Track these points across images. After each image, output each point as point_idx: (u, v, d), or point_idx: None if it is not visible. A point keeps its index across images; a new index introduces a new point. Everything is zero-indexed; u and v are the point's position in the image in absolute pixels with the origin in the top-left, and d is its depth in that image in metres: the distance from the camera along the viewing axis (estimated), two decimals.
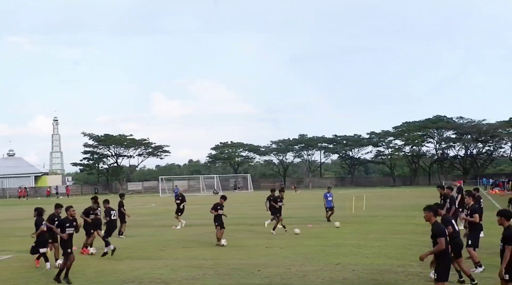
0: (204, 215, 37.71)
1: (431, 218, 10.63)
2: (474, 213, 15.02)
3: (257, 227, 27.79)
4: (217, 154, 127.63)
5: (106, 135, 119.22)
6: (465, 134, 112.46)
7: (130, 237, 24.65)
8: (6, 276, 15.47)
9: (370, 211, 36.00)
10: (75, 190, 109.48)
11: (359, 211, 35.47)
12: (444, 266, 10.22)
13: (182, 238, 24.14)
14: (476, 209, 15.31)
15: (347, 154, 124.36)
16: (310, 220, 29.63)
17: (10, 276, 15.52)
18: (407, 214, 32.32)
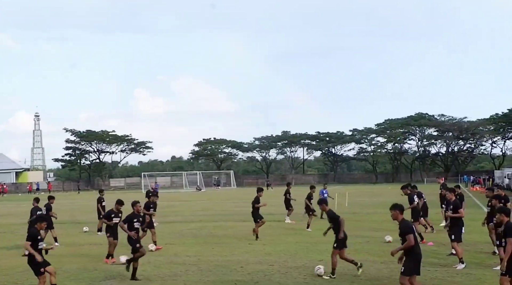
0: (186, 212, 37.65)
1: (398, 216, 10.96)
2: (457, 209, 15.06)
3: (240, 223, 27.75)
4: (200, 150, 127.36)
5: (88, 131, 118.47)
6: (446, 131, 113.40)
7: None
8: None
9: (353, 208, 36.11)
10: (57, 186, 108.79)
11: (342, 208, 35.51)
12: (414, 261, 10.41)
13: (164, 235, 24.02)
14: (459, 205, 15.34)
15: (329, 151, 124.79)
16: (293, 217, 29.64)
17: None
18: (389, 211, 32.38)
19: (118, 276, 14.33)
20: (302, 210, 29.85)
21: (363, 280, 13.28)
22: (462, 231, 15.06)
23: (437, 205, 25.73)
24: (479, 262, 14.53)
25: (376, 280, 13.20)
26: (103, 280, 13.85)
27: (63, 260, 17.08)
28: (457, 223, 14.93)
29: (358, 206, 38.16)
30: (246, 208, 39.03)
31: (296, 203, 29.44)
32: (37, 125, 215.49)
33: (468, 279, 13.05)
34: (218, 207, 42.57)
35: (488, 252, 16.33)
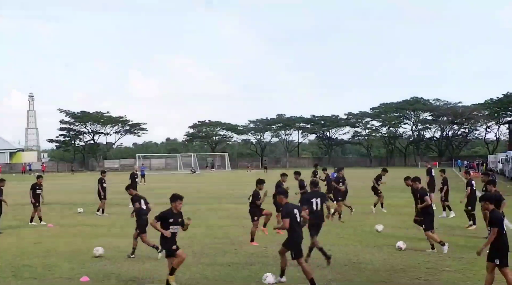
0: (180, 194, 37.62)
1: (283, 200, 11.38)
2: (424, 196, 14.68)
3: (233, 206, 27.75)
4: (195, 132, 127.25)
5: (82, 112, 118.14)
6: (441, 116, 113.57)
7: (106, 215, 24.47)
8: None
9: None
10: (51, 167, 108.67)
11: None
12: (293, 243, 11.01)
13: None
14: (425, 193, 14.93)
15: (324, 135, 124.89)
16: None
17: None
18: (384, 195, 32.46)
19: (112, 257, 14.31)
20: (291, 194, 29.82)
21: (356, 263, 13.28)
22: (433, 218, 14.79)
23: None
24: (473, 246, 14.55)
25: (369, 264, 13.22)
26: (97, 261, 13.83)
27: (58, 241, 17.06)
28: (427, 211, 14.67)
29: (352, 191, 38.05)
30: (239, 191, 39.08)
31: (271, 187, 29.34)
32: (31, 105, 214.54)
33: (460, 263, 13.09)
34: (212, 190, 42.57)
35: (480, 236, 16.37)
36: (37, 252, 15.07)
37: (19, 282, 11.80)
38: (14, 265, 13.56)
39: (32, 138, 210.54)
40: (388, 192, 33.08)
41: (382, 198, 24.99)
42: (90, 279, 11.90)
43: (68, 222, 21.98)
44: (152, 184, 48.38)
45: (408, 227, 18.45)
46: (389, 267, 12.87)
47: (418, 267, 12.70)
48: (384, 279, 11.63)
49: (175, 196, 11.16)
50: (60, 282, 11.81)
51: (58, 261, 13.84)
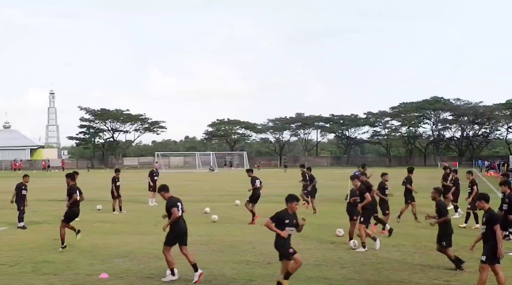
0: (198, 192, 37.71)
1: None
2: (363, 194, 15.29)
3: None
4: (214, 131, 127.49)
5: (102, 109, 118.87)
6: (461, 115, 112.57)
7: (124, 212, 24.59)
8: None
9: None
10: (70, 164, 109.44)
11: None
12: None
13: None
14: (364, 191, 15.43)
15: (343, 134, 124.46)
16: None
17: (2, 248, 15.46)
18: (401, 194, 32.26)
19: (130, 254, 14.37)
20: None
21: (374, 263, 13.21)
22: (371, 214, 15.44)
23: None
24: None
25: (387, 263, 13.13)
26: (115, 258, 13.89)
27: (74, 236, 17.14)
28: (366, 206, 15.13)
29: None
30: None
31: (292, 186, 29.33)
32: (52, 102, 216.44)
33: None
34: (231, 188, 42.61)
35: None
36: (56, 248, 15.17)
37: (39, 278, 11.89)
38: (33, 260, 13.67)
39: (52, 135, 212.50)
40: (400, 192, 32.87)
41: (413, 207, 21.52)
42: (109, 275, 11.95)
43: (87, 219, 22.09)
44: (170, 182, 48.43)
45: (426, 227, 18.29)
46: (408, 267, 12.77)
47: (437, 267, 12.59)
48: (403, 279, 11.54)
49: (291, 197, 10.57)
50: (79, 278, 11.87)
51: (77, 257, 13.93)
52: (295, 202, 10.47)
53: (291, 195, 10.68)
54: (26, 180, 20.07)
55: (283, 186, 38.86)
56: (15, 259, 13.89)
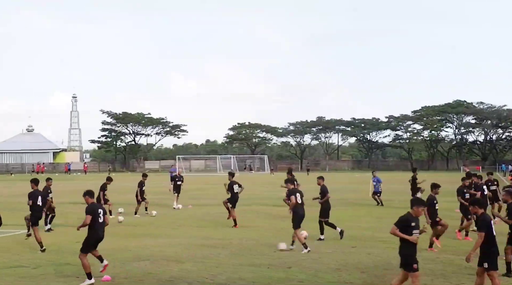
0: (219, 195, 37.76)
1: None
2: (290, 196, 16.03)
3: (271, 208, 27.73)
4: (234, 134, 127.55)
5: (124, 113, 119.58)
6: (485, 119, 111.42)
7: (144, 216, 24.71)
8: (17, 250, 15.56)
9: (386, 195, 35.70)
10: (92, 167, 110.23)
11: None
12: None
13: (196, 217, 24.18)
14: (293, 192, 16.11)
15: (364, 138, 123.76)
16: None
17: (24, 250, 15.61)
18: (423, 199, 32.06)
19: (151, 257, 14.42)
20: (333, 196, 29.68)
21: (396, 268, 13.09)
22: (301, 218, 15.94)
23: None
24: None
25: None
26: (136, 261, 13.96)
27: None
28: (294, 210, 15.92)
29: (393, 194, 37.75)
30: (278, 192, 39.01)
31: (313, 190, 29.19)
32: (75, 106, 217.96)
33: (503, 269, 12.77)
34: (251, 191, 42.61)
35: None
36: (77, 251, 15.26)
37: (60, 280, 11.99)
38: (55, 263, 13.79)
39: (74, 139, 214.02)
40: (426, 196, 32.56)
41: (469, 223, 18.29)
42: (129, 278, 12.01)
43: None
44: (191, 186, 48.68)
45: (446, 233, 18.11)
46: (430, 272, 12.65)
47: (459, 273, 12.47)
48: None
49: (418, 201, 10.15)
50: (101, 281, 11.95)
51: (97, 260, 14.00)
52: (421, 206, 10.06)
53: (418, 198, 10.67)
54: (49, 183, 20.30)
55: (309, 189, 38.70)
56: (37, 261, 14.04)
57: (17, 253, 15.10)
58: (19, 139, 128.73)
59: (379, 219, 22.60)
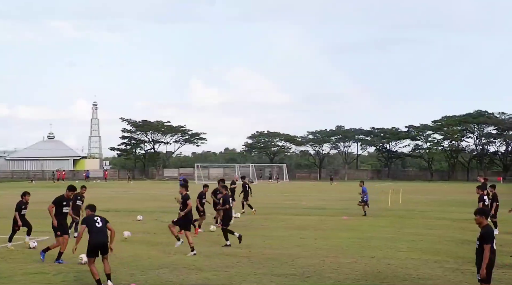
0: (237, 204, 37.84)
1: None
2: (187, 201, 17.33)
3: (291, 217, 27.75)
4: (253, 143, 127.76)
5: (143, 121, 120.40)
6: (506, 130, 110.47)
7: (165, 223, 24.81)
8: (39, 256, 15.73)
9: (406, 205, 35.62)
10: (112, 174, 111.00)
11: (395, 205, 35.14)
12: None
13: None
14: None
15: (384, 147, 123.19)
16: (345, 212, 29.45)
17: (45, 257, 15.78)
18: (444, 209, 31.94)
19: (171, 265, 14.52)
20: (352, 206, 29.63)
21: (416, 279, 13.07)
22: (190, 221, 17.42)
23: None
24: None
25: (429, 280, 12.98)
26: (156, 269, 14.06)
27: (118, 247, 17.39)
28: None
29: (412, 204, 37.59)
30: (297, 201, 39.02)
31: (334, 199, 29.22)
32: (95, 114, 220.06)
33: None
34: (270, 200, 42.65)
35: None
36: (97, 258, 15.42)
37: None
38: (76, 269, 13.94)
39: (95, 146, 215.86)
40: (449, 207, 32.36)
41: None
42: None
43: (128, 229, 22.38)
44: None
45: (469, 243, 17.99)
46: (450, 283, 12.60)
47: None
48: None
49: None
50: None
51: (118, 267, 14.12)
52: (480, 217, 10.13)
53: None
54: (83, 191, 20.62)
55: (332, 199, 38.67)
56: (58, 268, 14.19)
57: (38, 260, 15.27)
58: (40, 146, 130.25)
59: (399, 230, 22.51)
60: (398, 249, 17.50)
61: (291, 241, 19.14)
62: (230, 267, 14.28)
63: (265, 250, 17.09)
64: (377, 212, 30.82)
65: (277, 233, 21.63)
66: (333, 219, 26.54)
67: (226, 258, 15.53)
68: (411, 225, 24.23)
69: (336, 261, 15.23)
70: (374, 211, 30.21)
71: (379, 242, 18.98)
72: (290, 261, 15.21)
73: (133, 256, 15.86)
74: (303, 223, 24.96)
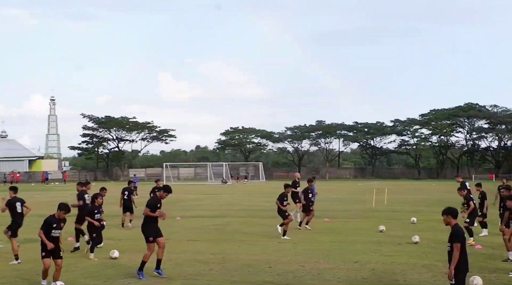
0: (211, 206, 37.88)
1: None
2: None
3: (268, 220, 27.81)
4: (227, 140, 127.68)
5: (107, 117, 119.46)
6: (498, 124, 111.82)
7: (132, 228, 24.71)
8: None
9: (392, 206, 35.92)
10: (72, 175, 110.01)
11: (380, 205, 35.41)
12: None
13: (187, 230, 24.21)
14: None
15: (368, 143, 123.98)
16: (327, 215, 29.59)
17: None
18: (432, 210, 32.21)
19: (137, 275, 14.46)
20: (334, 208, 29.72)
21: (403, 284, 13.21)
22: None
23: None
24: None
25: None
26: (121, 278, 14.00)
27: (78, 256, 17.29)
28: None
29: (399, 204, 37.93)
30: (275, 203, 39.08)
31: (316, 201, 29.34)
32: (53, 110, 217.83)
33: None
34: (246, 202, 42.69)
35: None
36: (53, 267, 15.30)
37: None
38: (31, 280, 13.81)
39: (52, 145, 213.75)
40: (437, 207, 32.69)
41: None
42: None
43: None
44: (180, 196, 48.71)
45: None
46: None
47: None
48: None
49: None
50: None
51: (79, 278, 14.04)
52: None
53: None
54: (103, 193, 20.42)
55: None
56: (12, 279, 14.05)
57: None
58: None
59: (384, 233, 22.69)
60: (383, 253, 17.64)
61: (268, 246, 19.19)
62: (202, 276, 14.28)
63: (241, 256, 17.11)
64: (360, 213, 31.04)
65: (253, 237, 21.66)
66: (314, 221, 26.60)
67: (198, 266, 15.52)
68: (397, 227, 24.44)
69: (316, 267, 15.32)
70: (357, 212, 30.43)
71: (363, 245, 19.12)
72: (267, 267, 15.25)
73: (96, 265, 15.77)
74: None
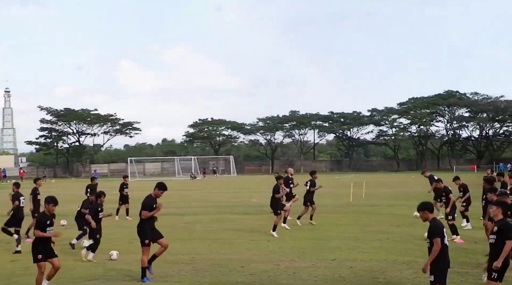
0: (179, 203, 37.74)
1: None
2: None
3: (240, 217, 27.84)
4: (195, 132, 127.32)
5: (66, 109, 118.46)
6: (480, 112, 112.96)
7: None
8: None
9: (370, 200, 36.17)
10: (30, 172, 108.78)
11: (358, 200, 35.63)
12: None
13: None
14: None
15: (344, 134, 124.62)
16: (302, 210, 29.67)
17: None
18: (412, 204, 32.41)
19: (102, 276, 14.40)
20: None
21: (382, 283, 13.33)
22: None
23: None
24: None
25: (398, 283, 13.24)
26: (85, 281, 13.92)
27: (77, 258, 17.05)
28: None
29: (377, 198, 38.22)
30: (247, 199, 39.14)
31: None
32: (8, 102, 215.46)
33: None
34: (216, 198, 42.66)
35: None
36: (14, 271, 15.18)
37: None
38: None
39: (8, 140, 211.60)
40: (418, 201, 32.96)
41: None
42: None
43: None
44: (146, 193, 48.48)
45: None
46: None
47: None
48: None
49: None
50: None
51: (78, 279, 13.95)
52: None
53: None
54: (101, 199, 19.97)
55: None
56: None
57: None
58: None
59: (362, 228, 22.85)
60: (362, 249, 17.75)
61: (240, 245, 19.20)
62: (171, 276, 14.26)
63: (211, 256, 17.10)
64: (337, 208, 31.20)
65: (224, 235, 21.66)
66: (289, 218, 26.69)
67: (167, 266, 15.48)
68: (376, 223, 24.61)
69: (292, 265, 15.37)
70: (334, 207, 30.59)
71: (340, 242, 19.22)
72: (240, 267, 15.26)
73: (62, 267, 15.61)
74: (254, 223, 25.06)
